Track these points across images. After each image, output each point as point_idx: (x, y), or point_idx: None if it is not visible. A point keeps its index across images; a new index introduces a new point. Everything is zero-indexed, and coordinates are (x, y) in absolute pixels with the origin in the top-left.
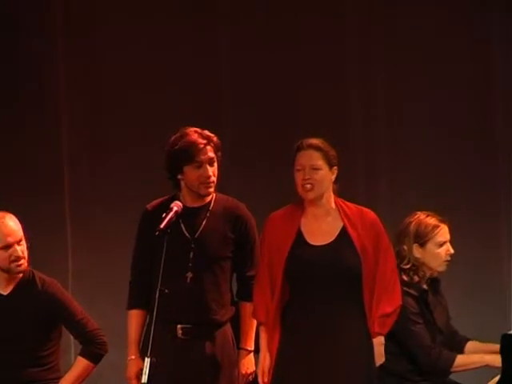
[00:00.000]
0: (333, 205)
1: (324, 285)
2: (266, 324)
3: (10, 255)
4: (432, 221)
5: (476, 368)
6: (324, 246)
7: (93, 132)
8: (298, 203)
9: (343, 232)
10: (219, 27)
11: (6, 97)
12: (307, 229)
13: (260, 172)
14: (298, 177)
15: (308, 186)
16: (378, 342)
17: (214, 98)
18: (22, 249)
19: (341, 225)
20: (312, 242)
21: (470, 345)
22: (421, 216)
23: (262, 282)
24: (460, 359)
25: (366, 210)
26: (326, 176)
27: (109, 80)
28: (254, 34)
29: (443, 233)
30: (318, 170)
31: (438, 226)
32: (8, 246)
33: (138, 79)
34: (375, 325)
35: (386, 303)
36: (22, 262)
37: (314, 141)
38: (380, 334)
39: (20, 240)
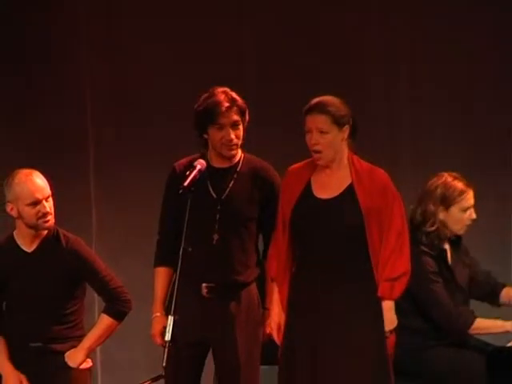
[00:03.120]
0: (345, 160)
1: (325, 240)
2: (277, 280)
3: (38, 211)
4: (459, 185)
5: (495, 333)
6: (328, 199)
7: (117, 88)
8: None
9: (350, 188)
10: None
11: (30, 59)
12: (316, 182)
13: (281, 132)
14: (308, 140)
15: (316, 151)
16: (386, 307)
17: (237, 58)
18: (49, 205)
19: (349, 181)
20: (318, 195)
21: (506, 291)
22: (448, 178)
23: (277, 238)
24: (479, 323)
25: (377, 169)
26: (335, 138)
27: (132, 40)
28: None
29: (469, 198)
30: (324, 134)
31: (464, 191)
32: (36, 203)
33: (160, 38)
34: (379, 289)
35: (391, 267)
36: (49, 218)
37: (322, 101)
38: (386, 299)
39: (48, 197)
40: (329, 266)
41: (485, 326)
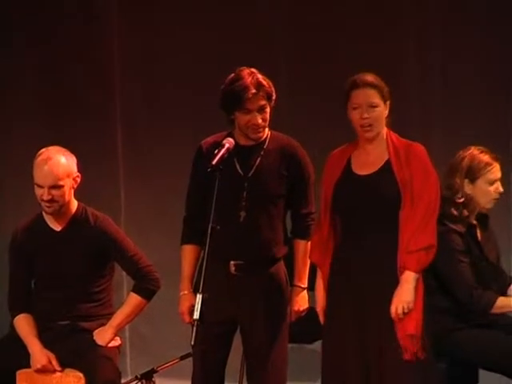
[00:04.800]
0: (384, 137)
1: (363, 216)
2: (319, 263)
3: (41, 195)
4: (485, 158)
5: None
6: (366, 176)
7: (146, 65)
8: (356, 141)
9: (387, 164)
10: None
11: (57, 31)
12: (356, 159)
13: (315, 107)
14: (355, 115)
15: (367, 125)
16: (406, 278)
17: (269, 32)
18: (56, 193)
19: (386, 157)
20: (357, 172)
21: None
22: (474, 151)
23: (320, 222)
24: (501, 301)
25: (415, 144)
26: (383, 112)
27: (162, 11)
28: None
29: (495, 171)
30: (375, 108)
31: (490, 164)
32: (39, 186)
33: (193, 11)
34: (403, 260)
35: (416, 239)
36: (49, 205)
37: (369, 77)
38: (411, 270)
39: (53, 186)
40: (368, 243)
41: (507, 304)
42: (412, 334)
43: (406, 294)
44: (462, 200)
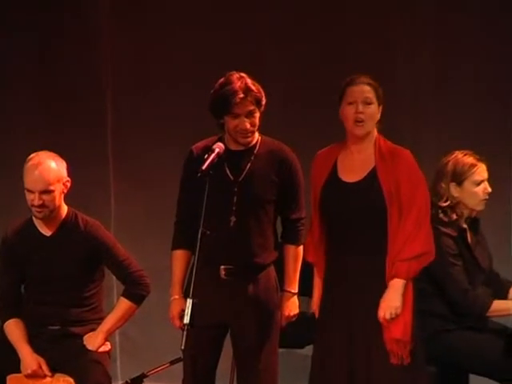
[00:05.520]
0: (373, 141)
1: (350, 223)
2: (315, 263)
3: (32, 200)
4: (469, 159)
5: None
6: (352, 183)
7: (137, 68)
8: (343, 141)
9: (373, 172)
10: None
11: (51, 33)
12: (342, 164)
13: (310, 113)
14: (350, 110)
15: (360, 120)
16: (395, 286)
17: (263, 36)
18: (46, 198)
19: (373, 164)
20: (343, 179)
21: None
22: (458, 155)
23: (312, 222)
24: (496, 305)
25: (402, 151)
26: (376, 111)
27: (154, 13)
28: None
29: (480, 171)
30: (370, 104)
31: (475, 165)
32: (29, 191)
33: (185, 13)
34: (395, 268)
35: (408, 248)
36: (39, 210)
37: (365, 75)
38: (401, 278)
39: (44, 191)
40: (357, 246)
41: (502, 307)
42: (399, 339)
43: (393, 300)
44: (447, 204)
